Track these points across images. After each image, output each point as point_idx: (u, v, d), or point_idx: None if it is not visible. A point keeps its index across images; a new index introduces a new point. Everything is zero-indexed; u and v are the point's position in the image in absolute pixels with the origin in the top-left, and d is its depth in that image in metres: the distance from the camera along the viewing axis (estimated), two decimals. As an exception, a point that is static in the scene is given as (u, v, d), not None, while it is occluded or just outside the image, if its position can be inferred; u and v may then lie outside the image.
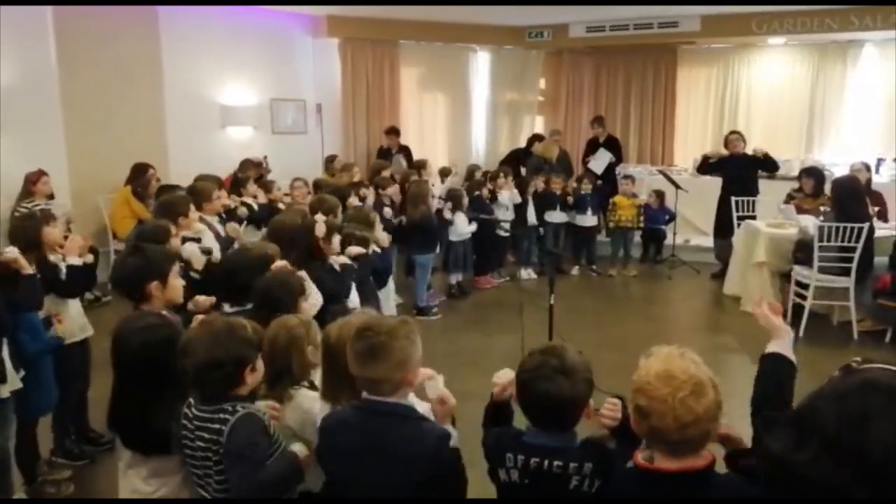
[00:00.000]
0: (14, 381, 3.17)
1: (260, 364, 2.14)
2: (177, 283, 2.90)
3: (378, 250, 4.69)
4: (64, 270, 3.61)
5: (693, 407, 1.57)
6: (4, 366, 3.11)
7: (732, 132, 8.08)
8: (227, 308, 3.21)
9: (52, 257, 3.62)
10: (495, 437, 1.97)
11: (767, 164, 7.79)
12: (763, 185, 7.98)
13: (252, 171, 7.32)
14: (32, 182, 6.17)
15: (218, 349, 2.02)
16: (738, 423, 1.89)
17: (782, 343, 1.97)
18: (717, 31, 9.34)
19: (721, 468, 1.74)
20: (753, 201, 7.64)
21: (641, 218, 8.45)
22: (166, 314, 2.47)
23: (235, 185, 6.49)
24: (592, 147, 9.63)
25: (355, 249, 4.25)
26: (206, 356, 2.01)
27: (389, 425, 1.89)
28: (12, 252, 3.19)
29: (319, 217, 4.31)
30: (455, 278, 7.30)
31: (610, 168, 9.35)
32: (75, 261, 3.62)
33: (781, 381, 1.90)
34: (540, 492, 1.87)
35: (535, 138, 9.60)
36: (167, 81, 7.85)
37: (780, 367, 1.92)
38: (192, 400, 2.12)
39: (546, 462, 1.84)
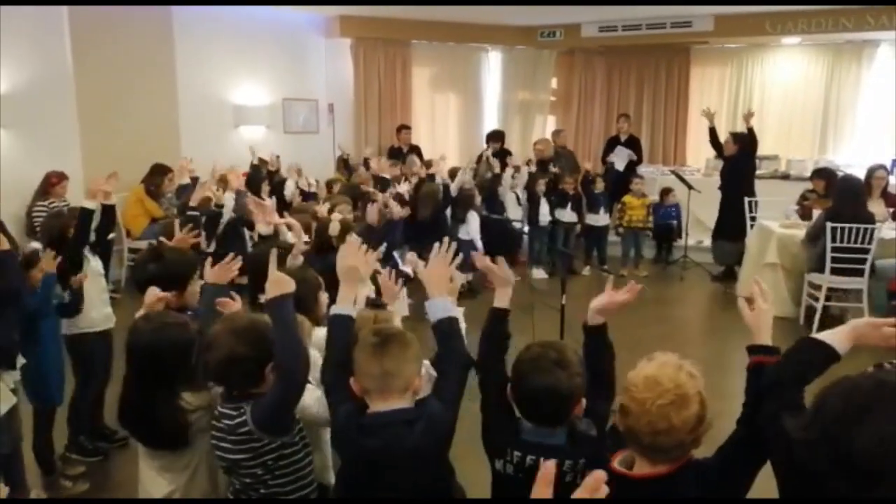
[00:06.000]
0: (14, 373, 3.14)
1: None
2: (195, 290, 2.91)
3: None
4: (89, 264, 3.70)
5: (670, 416, 1.58)
6: (12, 347, 3.08)
7: (729, 133, 8.07)
8: (263, 299, 3.23)
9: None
10: (497, 432, 1.97)
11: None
12: (776, 185, 7.94)
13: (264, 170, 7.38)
14: (52, 184, 6.19)
15: (239, 346, 2.04)
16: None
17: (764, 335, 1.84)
18: (731, 31, 9.28)
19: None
20: (756, 202, 7.61)
21: (651, 218, 8.43)
22: (186, 319, 2.49)
23: (251, 183, 6.50)
24: (613, 146, 9.51)
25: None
26: (228, 352, 2.03)
27: (396, 436, 1.88)
28: None
29: (335, 216, 4.34)
30: (465, 277, 7.30)
31: (631, 167, 9.25)
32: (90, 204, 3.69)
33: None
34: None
35: (492, 137, 9.34)
36: (180, 81, 7.91)
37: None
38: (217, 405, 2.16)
39: (541, 460, 1.82)
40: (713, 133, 8.07)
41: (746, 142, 7.72)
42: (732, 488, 1.71)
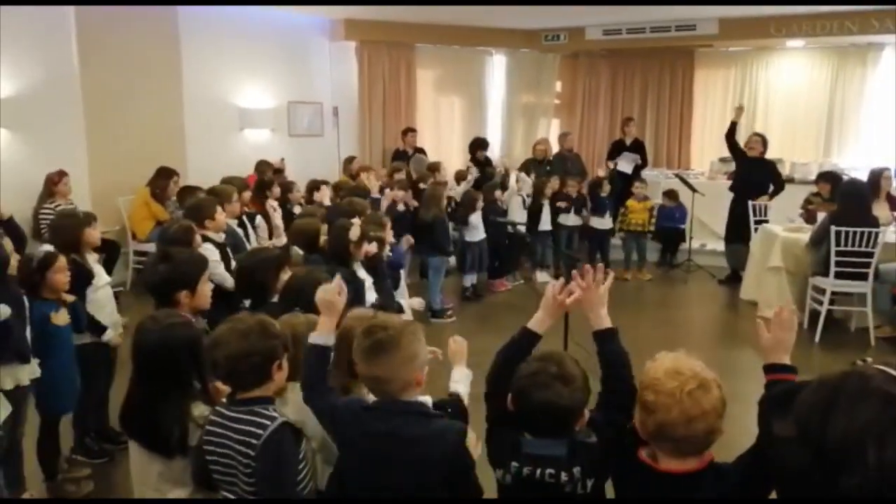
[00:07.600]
0: (34, 368, 3.17)
1: (285, 363, 2.16)
2: (206, 290, 2.93)
3: (390, 254, 4.72)
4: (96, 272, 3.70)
5: (700, 400, 1.64)
6: (28, 346, 3.10)
7: (754, 134, 7.98)
8: (246, 304, 3.25)
9: (88, 257, 3.74)
10: (498, 444, 1.97)
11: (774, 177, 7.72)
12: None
13: (269, 171, 7.42)
14: (54, 183, 6.23)
15: (246, 341, 2.05)
16: (751, 426, 1.88)
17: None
18: (735, 34, 9.29)
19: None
20: (766, 206, 7.59)
21: (653, 220, 8.42)
22: (190, 317, 2.50)
23: (259, 187, 6.48)
24: (617, 149, 9.48)
25: (371, 248, 4.20)
26: (237, 347, 2.04)
27: (406, 423, 1.89)
28: None
29: (356, 220, 4.32)
30: (470, 280, 7.31)
31: (635, 171, 9.21)
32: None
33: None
34: (534, 494, 1.88)
35: (476, 144, 9.18)
36: (186, 84, 7.94)
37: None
38: (219, 406, 2.15)
39: (538, 471, 1.85)
40: (733, 129, 7.82)
41: (766, 145, 7.73)
42: (749, 497, 1.75)
